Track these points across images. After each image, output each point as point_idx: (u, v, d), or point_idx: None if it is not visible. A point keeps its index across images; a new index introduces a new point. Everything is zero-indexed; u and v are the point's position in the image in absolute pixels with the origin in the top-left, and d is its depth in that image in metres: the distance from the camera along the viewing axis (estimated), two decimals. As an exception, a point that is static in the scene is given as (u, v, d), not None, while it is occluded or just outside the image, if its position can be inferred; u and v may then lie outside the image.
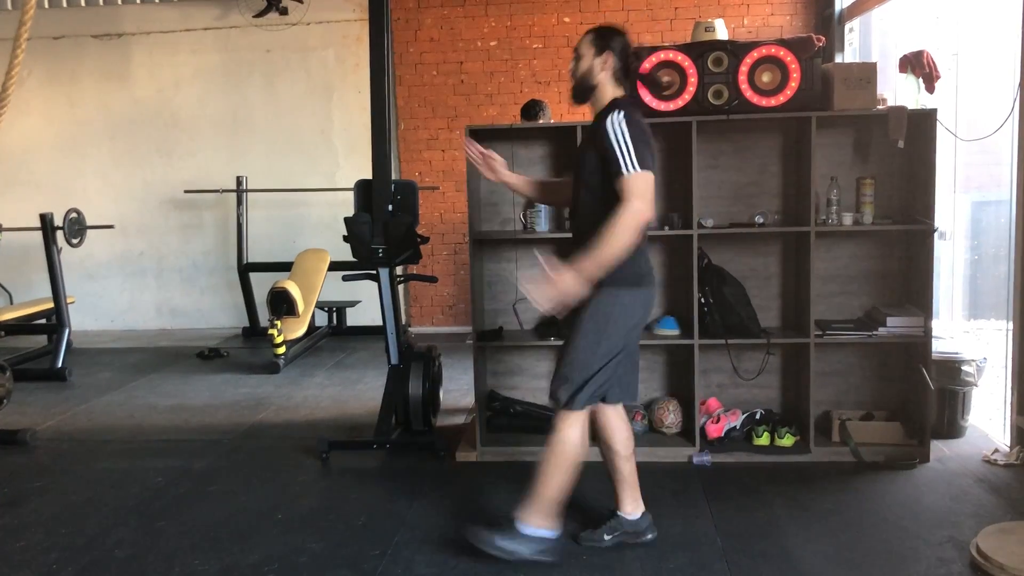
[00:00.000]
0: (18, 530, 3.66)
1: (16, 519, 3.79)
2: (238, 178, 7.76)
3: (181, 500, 3.97)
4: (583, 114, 7.58)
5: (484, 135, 4.55)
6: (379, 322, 4.75)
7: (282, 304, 6.55)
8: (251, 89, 8.10)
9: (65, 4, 8.08)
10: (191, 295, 8.35)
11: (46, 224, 6.68)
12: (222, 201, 8.07)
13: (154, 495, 4.04)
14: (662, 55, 4.19)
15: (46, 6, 7.92)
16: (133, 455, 4.65)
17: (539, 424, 4.54)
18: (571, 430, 3.11)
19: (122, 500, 3.98)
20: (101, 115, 8.24)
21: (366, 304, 7.58)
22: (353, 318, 7.84)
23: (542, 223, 4.44)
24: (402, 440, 4.59)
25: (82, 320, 7.95)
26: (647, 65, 4.15)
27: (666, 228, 4.34)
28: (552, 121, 6.02)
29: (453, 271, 7.92)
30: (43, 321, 7.07)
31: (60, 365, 6.47)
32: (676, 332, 4.40)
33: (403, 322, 6.16)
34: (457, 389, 5.56)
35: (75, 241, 6.91)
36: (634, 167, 2.92)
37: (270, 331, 6.44)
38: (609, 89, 3.13)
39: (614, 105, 3.05)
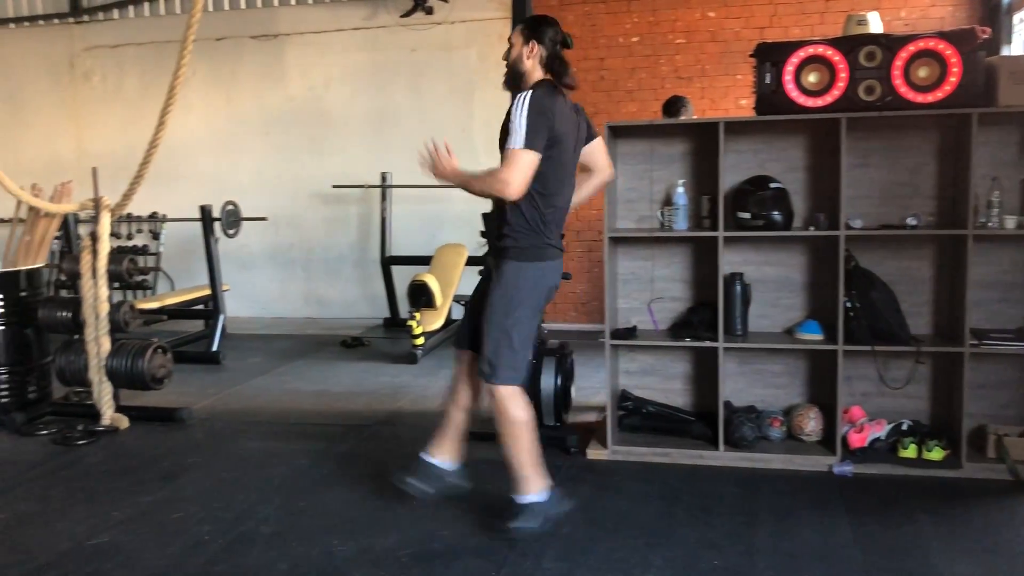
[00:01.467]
0: (174, 502, 3.91)
1: (173, 491, 4.05)
2: (382, 174, 8.01)
3: (322, 482, 4.14)
4: (726, 110, 7.39)
5: (623, 132, 4.53)
6: (514, 317, 4.79)
7: (421, 296, 6.72)
8: (396, 88, 8.34)
9: (227, 7, 8.55)
10: (336, 286, 8.68)
11: (205, 216, 7.09)
12: (367, 196, 8.34)
13: (298, 476, 4.23)
14: (810, 50, 4.05)
15: (210, 9, 8.40)
16: (279, 436, 4.88)
17: (672, 426, 4.50)
18: (509, 403, 3.31)
19: (268, 479, 4.18)
20: (257, 112, 8.67)
21: (502, 299, 7.67)
22: (489, 312, 7.94)
23: (680, 221, 4.37)
24: (534, 435, 4.62)
25: (236, 307, 8.39)
26: (795, 60, 4.03)
27: (811, 228, 4.20)
28: (694, 118, 5.92)
29: (587, 268, 7.91)
30: (201, 307, 7.51)
31: (215, 349, 6.85)
32: (819, 337, 4.25)
33: (538, 318, 6.19)
34: (589, 387, 5.56)
35: (231, 232, 7.30)
36: (520, 144, 3.14)
37: (409, 322, 6.62)
38: (536, 76, 3.35)
39: (532, 87, 3.25)
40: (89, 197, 5.14)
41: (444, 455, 3.63)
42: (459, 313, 7.93)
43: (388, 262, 7.95)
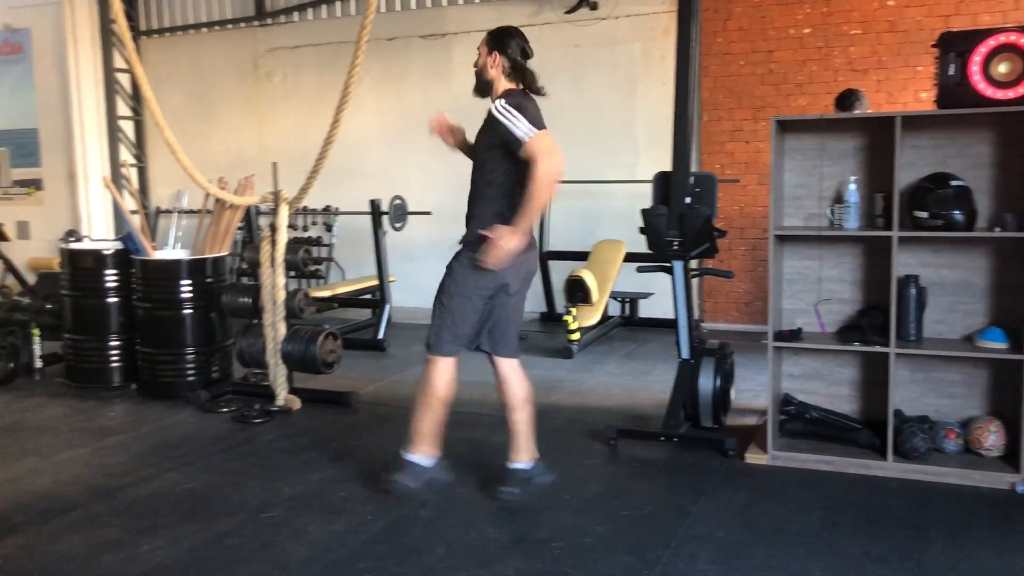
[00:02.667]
0: (341, 481, 4.11)
1: (339, 471, 4.25)
2: (543, 169, 8.08)
3: (481, 470, 4.23)
4: (904, 103, 7.00)
5: (791, 126, 4.38)
6: (671, 315, 4.74)
7: (578, 292, 6.75)
8: (558, 84, 8.36)
9: (399, 8, 8.85)
10: (495, 279, 8.82)
11: (375, 209, 7.38)
12: (527, 191, 8.43)
13: (455, 463, 4.34)
14: (1001, 38, 3.78)
15: (383, 10, 8.72)
16: (438, 424, 5.02)
17: (837, 433, 4.32)
18: (435, 374, 3.68)
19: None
20: (425, 110, 8.83)
21: (659, 296, 7.59)
22: (645, 310, 7.88)
23: (851, 220, 4.18)
24: (690, 435, 4.56)
25: (401, 297, 8.68)
26: (983, 49, 3.77)
27: (997, 230, 3.92)
28: (869, 112, 5.65)
29: (751, 267, 7.70)
30: (369, 296, 7.83)
31: (381, 337, 7.13)
32: (1003, 345, 3.97)
33: (695, 317, 6.10)
34: (749, 389, 5.42)
35: (398, 225, 7.57)
36: (531, 130, 3.38)
37: (565, 317, 6.66)
38: (502, 83, 3.63)
39: (501, 96, 3.53)
40: (269, 190, 5.46)
41: (522, 456, 3.83)
42: (616, 309, 7.95)
43: (546, 257, 8.02)
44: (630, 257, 7.14)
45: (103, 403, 5.51)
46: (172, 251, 6.19)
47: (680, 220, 4.46)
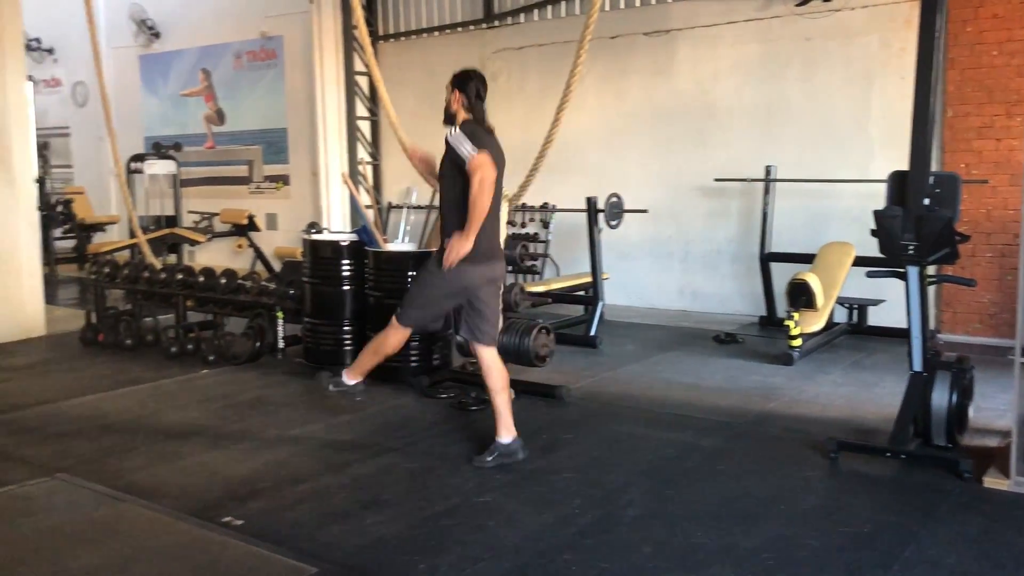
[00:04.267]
0: (549, 473, 4.18)
1: (549, 463, 4.32)
2: (767, 167, 7.81)
3: (689, 473, 4.17)
4: None
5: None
6: (903, 324, 4.43)
7: (801, 296, 6.47)
8: (787, 79, 8.07)
9: (623, 5, 8.86)
10: (712, 280, 8.64)
11: (591, 207, 7.43)
12: (749, 190, 8.19)
13: (665, 464, 4.30)
14: None
15: (607, 9, 8.76)
16: (649, 423, 4.99)
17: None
18: (394, 335, 4.49)
19: (636, 463, 4.30)
20: (645, 107, 8.89)
21: (891, 304, 7.11)
22: (875, 317, 7.42)
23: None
24: (920, 453, 4.25)
25: (614, 295, 8.70)
26: None
27: None
28: None
29: (997, 276, 7.05)
30: (582, 293, 7.90)
31: (593, 333, 7.18)
32: None
33: (931, 327, 5.67)
34: (991, 408, 4.97)
35: (613, 223, 7.58)
36: (474, 150, 4.10)
37: (786, 322, 6.40)
38: (461, 115, 4.36)
39: (459, 125, 4.27)
40: (491, 187, 5.62)
41: (503, 433, 4.32)
42: (842, 316, 7.55)
43: (767, 258, 7.75)
44: (860, 261, 6.75)
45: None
46: (401, 244, 6.54)
47: (917, 223, 4.17)
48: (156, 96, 12.75)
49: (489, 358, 4.39)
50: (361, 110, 10.76)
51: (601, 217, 7.46)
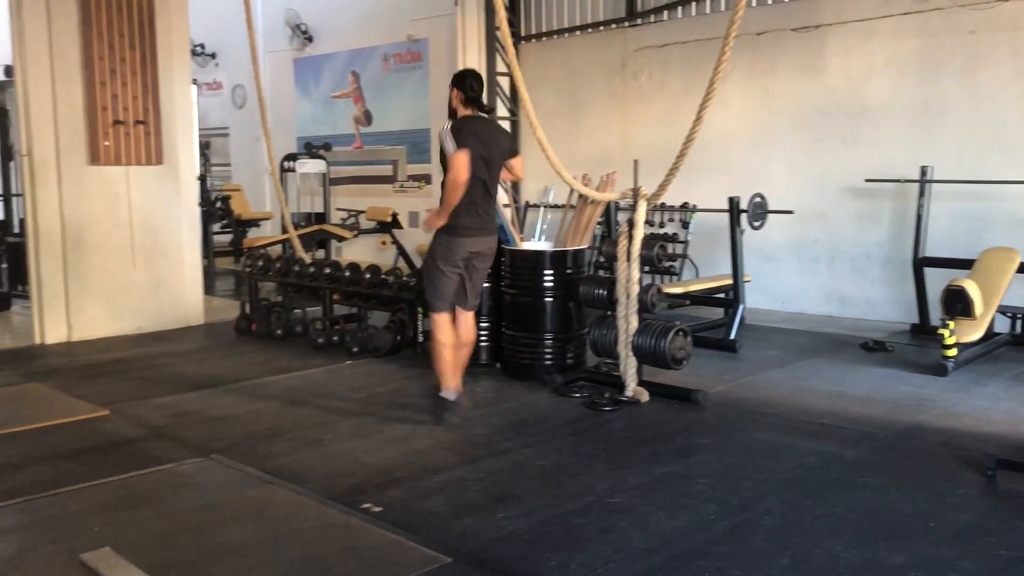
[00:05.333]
0: (684, 478, 4.11)
1: (684, 467, 4.26)
2: (922, 168, 7.42)
3: (830, 484, 4.02)
4: None
5: None
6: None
7: (957, 304, 6.11)
8: (946, 75, 7.64)
9: (770, 1, 8.61)
10: (860, 285, 8.28)
11: (733, 207, 7.26)
12: (902, 192, 7.80)
13: (805, 474, 4.16)
14: None
15: (753, 4, 8.54)
16: (789, 431, 4.84)
17: None
18: (436, 328, 4.96)
19: (774, 472, 4.18)
20: (791, 105, 8.61)
21: (1060, 314, 6.63)
22: (1041, 328, 6.93)
23: None
24: (1090, 475, 3.94)
25: (755, 298, 8.47)
26: None
27: None
28: None
29: None
30: (721, 295, 7.73)
31: (732, 337, 7.01)
32: None
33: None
34: None
35: (757, 224, 7.38)
36: (451, 150, 4.73)
37: (941, 331, 6.06)
38: (460, 111, 4.92)
39: (454, 121, 4.89)
40: (629, 187, 5.59)
41: (451, 386, 4.96)
42: (1004, 325, 7.08)
43: (921, 263, 7.35)
44: (1025, 268, 6.33)
45: (472, 378, 6.00)
46: (538, 243, 6.58)
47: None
48: (308, 98, 13.32)
49: (471, 320, 5.17)
50: (501, 110, 10.89)
51: (744, 218, 7.28)
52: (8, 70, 7.92)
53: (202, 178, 10.47)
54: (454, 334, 5.00)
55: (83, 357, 6.81)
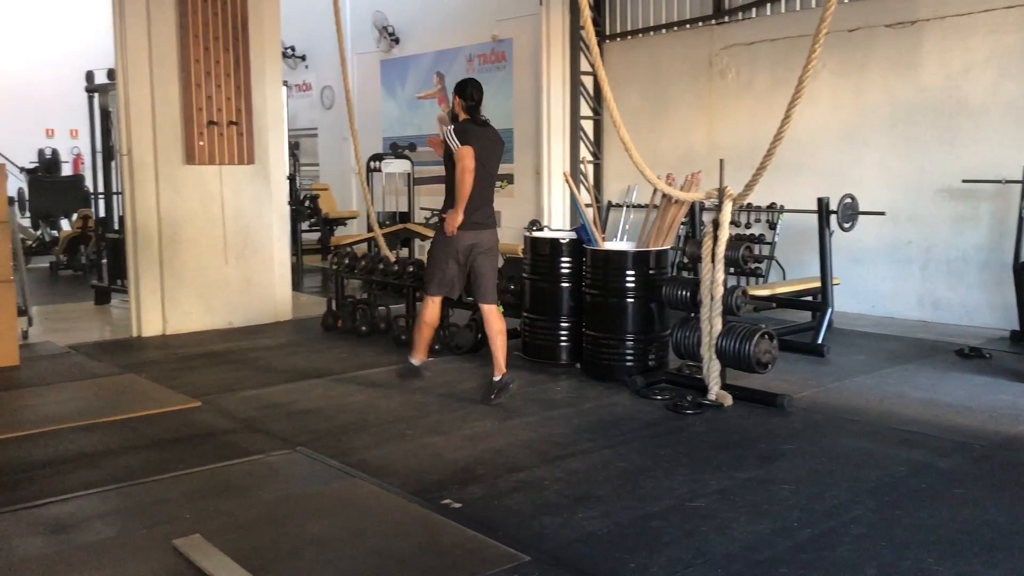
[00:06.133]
0: (767, 483, 4.03)
1: (767, 473, 4.17)
2: (1025, 168, 7.12)
3: (921, 494, 3.89)
4: None
5: None
6: None
7: (1061, 310, 5.83)
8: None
9: (863, -3, 8.38)
10: (957, 290, 7.98)
11: (822, 208, 7.08)
12: (1003, 193, 7.49)
13: (894, 483, 4.03)
14: None
15: (845, 0, 8.31)
16: (877, 438, 4.70)
17: None
18: (426, 308, 5.59)
19: (862, 480, 4.06)
20: (884, 103, 8.36)
21: None
22: None
23: None
24: None
25: (844, 302, 8.25)
26: None
27: None
28: None
29: None
30: (809, 298, 7.55)
31: (820, 341, 6.83)
32: None
33: None
34: None
35: (847, 226, 7.18)
36: (457, 145, 5.26)
37: (1042, 338, 5.80)
38: (462, 116, 5.46)
39: (457, 124, 5.40)
40: (715, 187, 5.51)
41: (498, 372, 5.38)
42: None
43: (1022, 268, 7.05)
44: None
45: (551, 378, 6.03)
46: (620, 243, 6.54)
47: None
48: (394, 99, 13.52)
49: (495, 311, 5.50)
50: (585, 110, 10.86)
51: (833, 219, 7.10)
52: (111, 74, 8.25)
53: (291, 178, 10.72)
54: (439, 316, 5.71)
55: (177, 350, 7.06)
